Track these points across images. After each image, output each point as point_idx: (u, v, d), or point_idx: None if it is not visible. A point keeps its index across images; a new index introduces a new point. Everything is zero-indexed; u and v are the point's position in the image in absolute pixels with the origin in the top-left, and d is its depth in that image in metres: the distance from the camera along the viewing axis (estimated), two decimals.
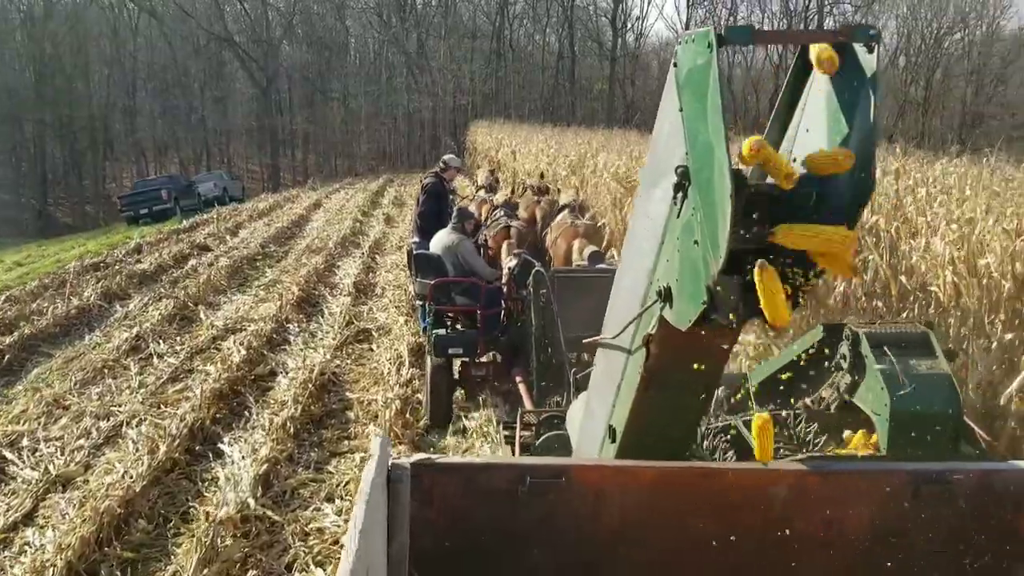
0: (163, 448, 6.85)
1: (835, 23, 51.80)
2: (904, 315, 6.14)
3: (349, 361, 9.91)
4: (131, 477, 6.34)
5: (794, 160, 2.29)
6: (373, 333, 11.10)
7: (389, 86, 58.59)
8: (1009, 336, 5.15)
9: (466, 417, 7.72)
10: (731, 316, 2.23)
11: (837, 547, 2.57)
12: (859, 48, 2.21)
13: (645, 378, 2.71)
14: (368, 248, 18.23)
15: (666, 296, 2.46)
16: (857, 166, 2.17)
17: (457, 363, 7.88)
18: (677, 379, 2.70)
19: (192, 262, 16.87)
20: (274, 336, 10.79)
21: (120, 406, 8.30)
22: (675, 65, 2.37)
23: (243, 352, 9.58)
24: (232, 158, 57.12)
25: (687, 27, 51.48)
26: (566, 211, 10.73)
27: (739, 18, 55.64)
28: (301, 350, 10.22)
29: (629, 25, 61.36)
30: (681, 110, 2.32)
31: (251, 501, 5.87)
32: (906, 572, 2.58)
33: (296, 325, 11.46)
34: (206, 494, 6.37)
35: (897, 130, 34.08)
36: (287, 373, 9.25)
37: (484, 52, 59.78)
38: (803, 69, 2.38)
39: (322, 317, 12.05)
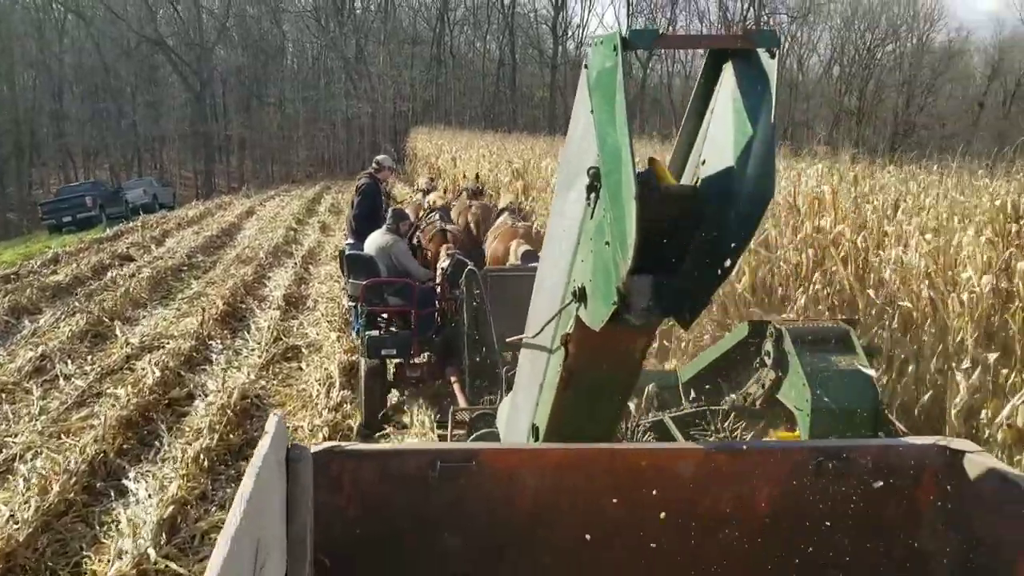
0: (57, 487, 6.06)
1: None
2: (873, 332, 5.69)
3: (275, 382, 9.19)
4: (16, 523, 5.56)
5: (703, 163, 2.35)
6: (303, 350, 10.40)
7: (327, 91, 57.54)
8: (993, 356, 4.70)
9: (400, 440, 7.11)
10: (642, 317, 2.25)
11: (745, 522, 2.67)
12: (762, 53, 2.22)
13: (564, 378, 2.76)
14: (301, 258, 17.45)
15: (581, 296, 2.47)
16: (758, 165, 2.17)
17: (392, 364, 7.76)
18: (595, 379, 2.76)
19: (112, 273, 15.78)
20: (194, 354, 9.99)
21: (15, 436, 7.46)
22: (586, 67, 2.38)
23: (157, 373, 8.77)
24: (165, 164, 55.28)
25: None
26: (506, 214, 10.32)
27: (678, 27, 56.13)
28: (223, 370, 9.45)
29: (570, 33, 61.56)
30: (592, 112, 2.31)
31: (152, 552, 5.15)
32: (812, 543, 2.68)
33: (219, 342, 10.67)
34: (104, 540, 5.61)
35: (833, 139, 34.49)
36: (206, 396, 8.49)
37: (424, 58, 59.23)
38: (712, 73, 2.37)
39: (248, 333, 11.29)
